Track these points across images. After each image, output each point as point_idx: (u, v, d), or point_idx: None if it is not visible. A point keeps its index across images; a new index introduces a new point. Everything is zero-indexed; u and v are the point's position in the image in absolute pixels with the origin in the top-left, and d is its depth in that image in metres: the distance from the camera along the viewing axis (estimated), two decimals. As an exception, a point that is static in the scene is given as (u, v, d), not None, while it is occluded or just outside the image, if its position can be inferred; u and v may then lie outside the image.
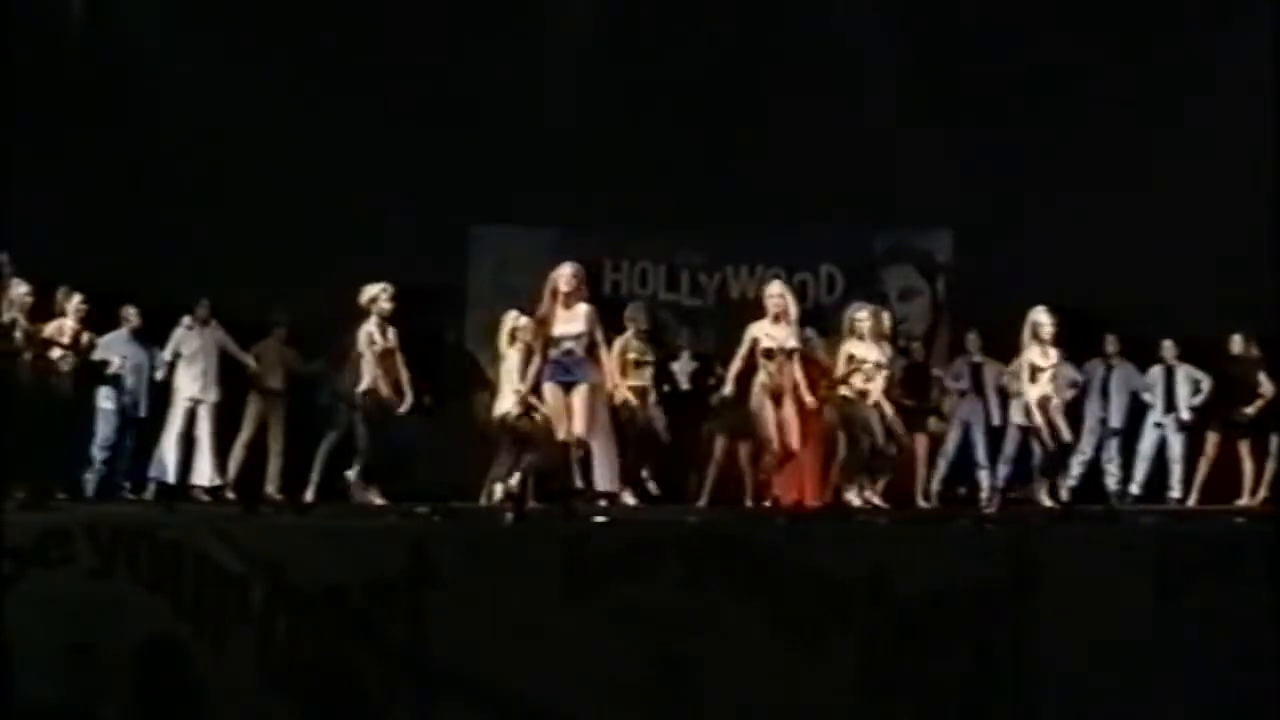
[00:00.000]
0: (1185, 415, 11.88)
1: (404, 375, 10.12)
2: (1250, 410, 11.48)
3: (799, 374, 9.71)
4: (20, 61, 11.07)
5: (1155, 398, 11.97)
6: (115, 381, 11.11)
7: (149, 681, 7.55)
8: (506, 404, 9.83)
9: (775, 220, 12.95)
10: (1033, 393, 10.32)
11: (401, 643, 7.61)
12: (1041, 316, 10.31)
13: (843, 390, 10.10)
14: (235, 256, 12.13)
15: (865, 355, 10.12)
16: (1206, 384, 11.82)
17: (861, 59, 12.60)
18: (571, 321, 9.02)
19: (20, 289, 9.95)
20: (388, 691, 7.60)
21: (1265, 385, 11.49)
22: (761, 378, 9.61)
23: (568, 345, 9.01)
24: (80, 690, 7.50)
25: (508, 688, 7.56)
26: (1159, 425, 11.97)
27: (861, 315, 10.23)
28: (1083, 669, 7.54)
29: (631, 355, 10.76)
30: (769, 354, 9.60)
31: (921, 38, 12.52)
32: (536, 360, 9.32)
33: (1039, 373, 10.31)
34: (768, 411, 9.58)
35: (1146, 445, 12.01)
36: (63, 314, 10.37)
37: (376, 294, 9.99)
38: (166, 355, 11.34)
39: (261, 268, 12.13)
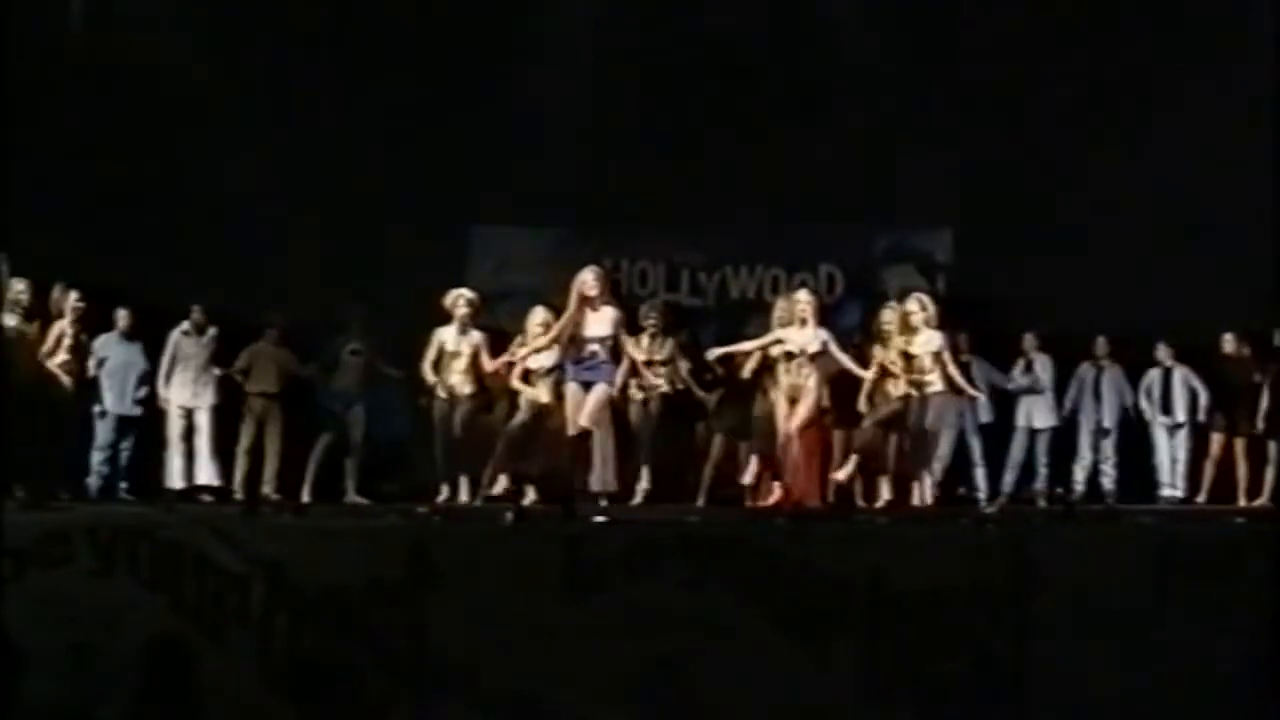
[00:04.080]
0: (1181, 417, 11.88)
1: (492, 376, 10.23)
2: (1260, 426, 11.37)
3: (814, 379, 9.78)
4: (17, 57, 11.04)
5: (1153, 400, 11.95)
6: (108, 385, 11.03)
7: (149, 682, 7.55)
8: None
9: (775, 220, 12.96)
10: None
11: (401, 643, 7.60)
12: (908, 304, 10.08)
13: (905, 388, 9.92)
14: (234, 257, 12.13)
15: (923, 348, 9.94)
16: (1204, 392, 11.82)
17: (862, 59, 12.61)
18: (598, 324, 9.15)
19: (18, 287, 9.94)
20: (388, 691, 7.60)
21: (1264, 398, 11.36)
22: (780, 381, 9.75)
23: (592, 347, 9.13)
24: (80, 690, 7.50)
25: (508, 688, 7.54)
26: (1165, 427, 11.94)
27: (914, 308, 10.05)
28: (1082, 669, 7.55)
29: (640, 356, 10.70)
30: (789, 356, 9.70)
31: (922, 38, 12.52)
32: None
33: (911, 360, 9.95)
34: (783, 412, 9.73)
35: (1162, 452, 11.94)
36: (59, 314, 10.24)
37: (459, 298, 10.10)
38: (165, 362, 11.19)
39: (262, 269, 12.13)
